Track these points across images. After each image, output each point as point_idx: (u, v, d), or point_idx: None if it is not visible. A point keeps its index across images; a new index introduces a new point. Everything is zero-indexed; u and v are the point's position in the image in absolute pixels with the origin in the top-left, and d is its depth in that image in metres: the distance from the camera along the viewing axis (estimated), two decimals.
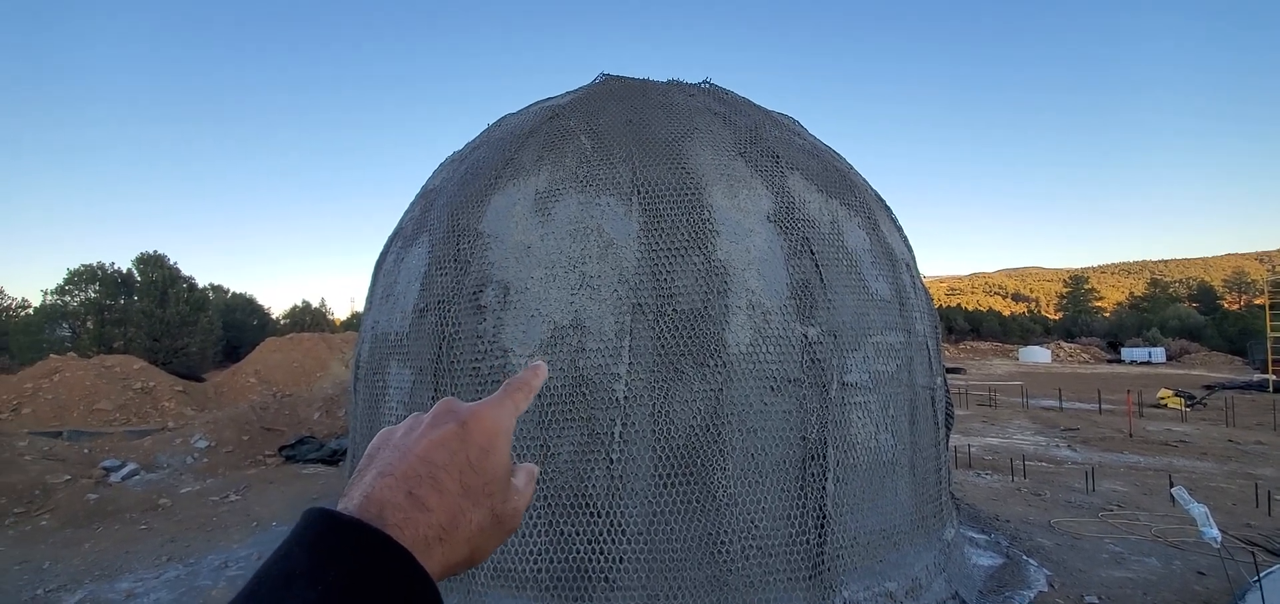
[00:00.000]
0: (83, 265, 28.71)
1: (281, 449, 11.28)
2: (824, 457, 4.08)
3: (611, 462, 3.89)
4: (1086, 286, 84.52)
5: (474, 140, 6.02)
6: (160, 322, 27.65)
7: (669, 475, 3.88)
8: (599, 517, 3.86)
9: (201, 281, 33.84)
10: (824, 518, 4.02)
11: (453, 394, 4.24)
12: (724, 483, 3.90)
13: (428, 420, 0.53)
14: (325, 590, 0.40)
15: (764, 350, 4.08)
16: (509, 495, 0.54)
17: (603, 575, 3.82)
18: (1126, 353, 52.98)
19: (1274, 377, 25.37)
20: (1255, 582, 4.17)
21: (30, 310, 31.93)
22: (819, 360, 4.18)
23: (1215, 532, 4.12)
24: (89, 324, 27.81)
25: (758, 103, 5.96)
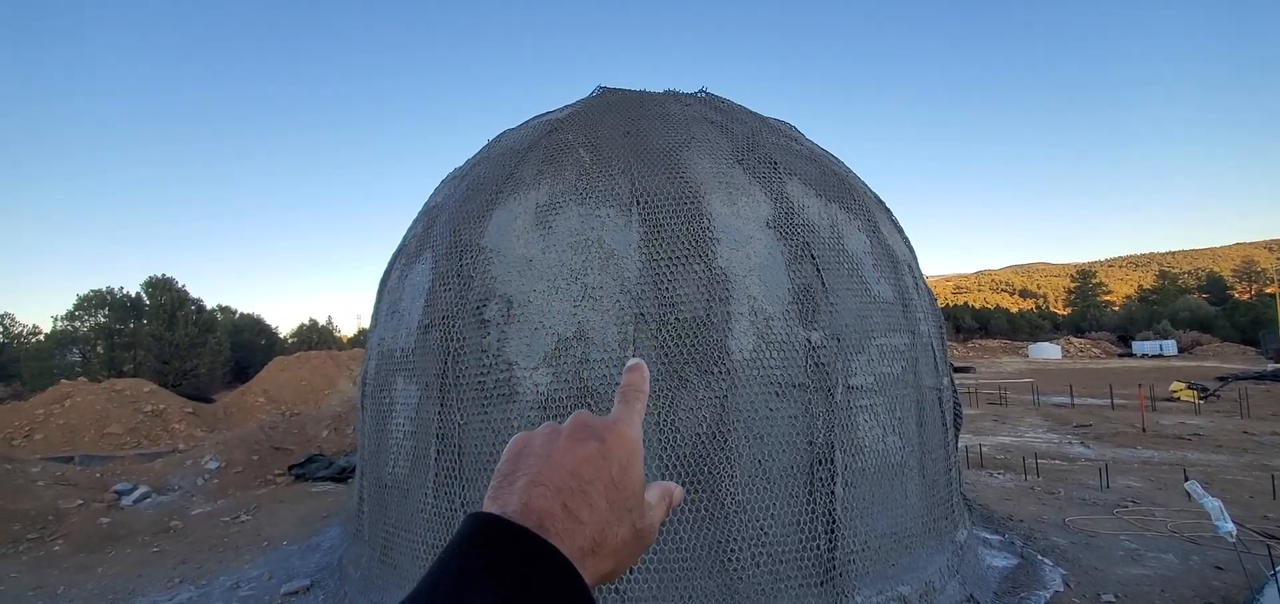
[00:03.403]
0: (92, 290, 29.01)
1: (291, 468, 11.31)
2: (832, 461, 4.06)
3: None
4: (1094, 281, 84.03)
5: (474, 156, 6.07)
6: (169, 344, 27.86)
7: (677, 484, 3.86)
8: None
9: (209, 303, 34.11)
10: (833, 523, 4.00)
11: (459, 410, 4.26)
12: (732, 490, 3.89)
13: (567, 433, 0.54)
14: (500, 592, 0.42)
15: (768, 356, 4.08)
16: (645, 510, 0.55)
17: (612, 587, 3.81)
18: (1137, 346, 52.60)
19: None
20: (1272, 575, 4.12)
21: (41, 337, 32.22)
22: (823, 364, 4.17)
23: (1230, 525, 4.07)
24: (99, 348, 28.05)
25: (754, 110, 5.98)
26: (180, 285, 30.53)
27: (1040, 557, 5.79)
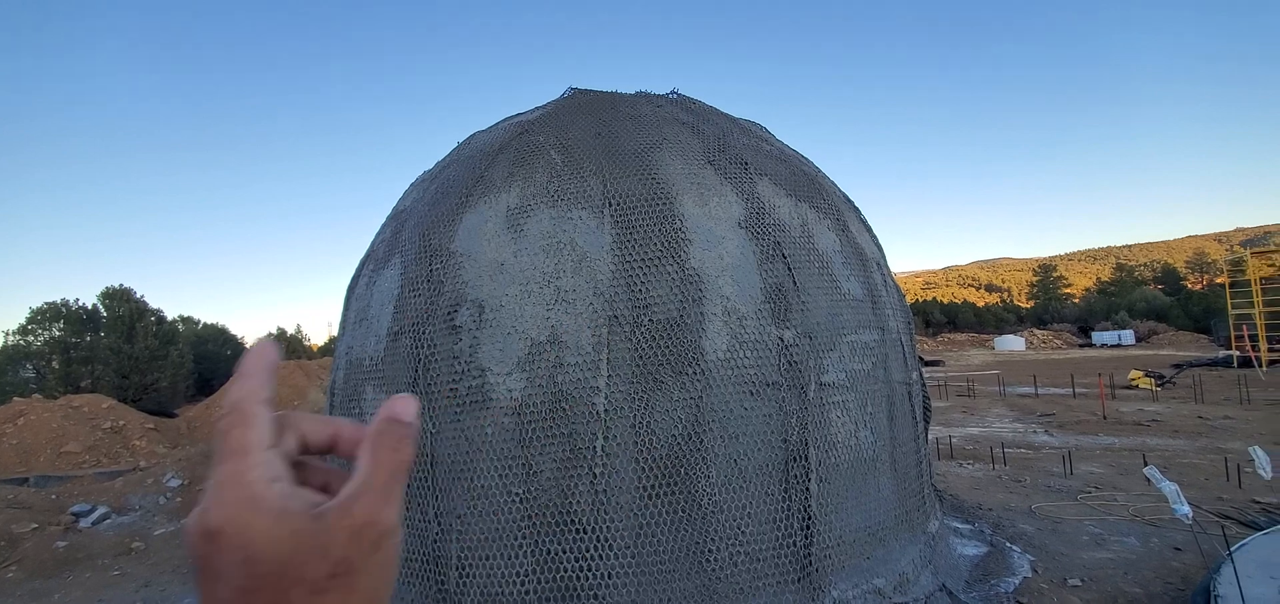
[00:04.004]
0: (46, 303, 27.85)
1: None
2: (806, 458, 4.10)
3: (595, 476, 3.86)
4: (1055, 274, 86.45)
5: (444, 159, 5.98)
6: (128, 358, 26.89)
7: (653, 487, 3.86)
8: (585, 533, 3.83)
9: (170, 314, 33.02)
10: (809, 519, 4.04)
11: (431, 418, 4.18)
12: (708, 491, 3.90)
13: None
14: None
15: (741, 356, 4.10)
16: (327, 537, 0.38)
17: (591, 593, 3.79)
18: (1097, 336, 54.32)
19: (1237, 352, 26.19)
20: (1227, 555, 4.28)
21: None
22: (796, 362, 4.21)
23: (1186, 508, 4.22)
24: (54, 363, 26.94)
25: (725, 111, 6.02)
26: (139, 296, 29.49)
27: (1009, 544, 5.93)
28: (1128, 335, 52.14)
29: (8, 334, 27.76)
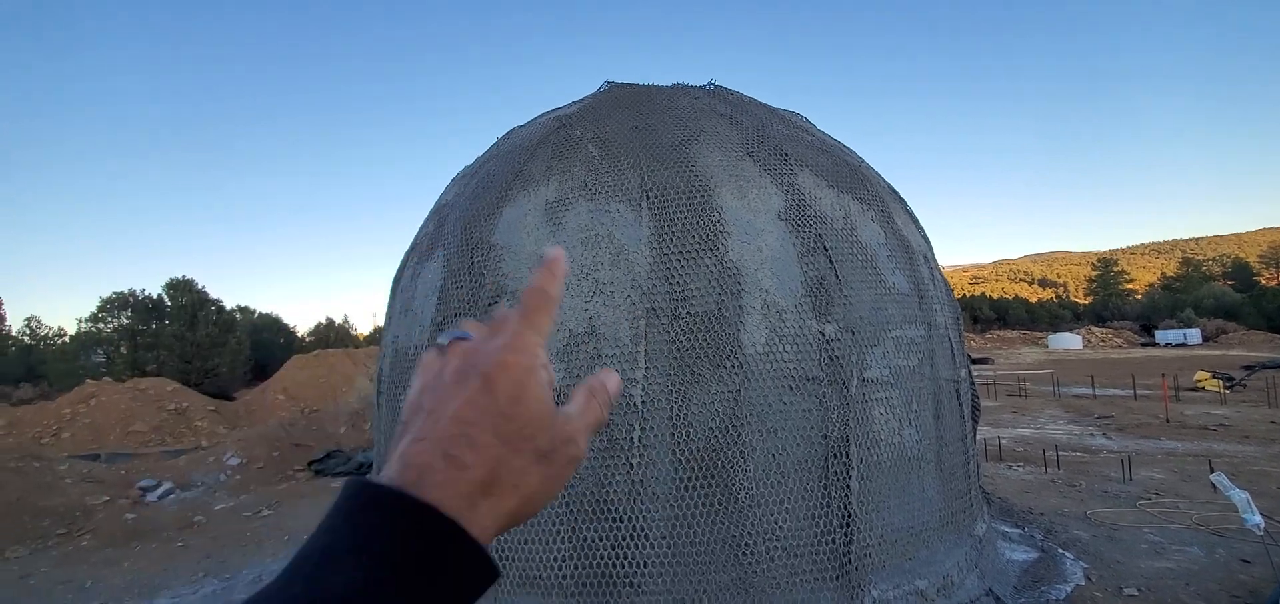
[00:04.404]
0: (115, 293, 29.60)
1: (311, 464, 11.48)
2: (847, 454, 4.03)
3: (631, 466, 3.88)
4: (1116, 269, 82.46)
5: (484, 154, 6.08)
6: (191, 344, 28.37)
7: (690, 478, 3.86)
8: (621, 522, 3.86)
9: (229, 303, 34.62)
10: (849, 516, 3.97)
11: None
12: (746, 484, 3.87)
13: (451, 379, 0.51)
14: (370, 562, 0.40)
15: (781, 350, 4.05)
16: (556, 428, 0.51)
17: (627, 580, 3.82)
18: (1160, 335, 51.64)
19: None
20: None
21: (66, 338, 32.98)
22: (837, 358, 4.13)
23: (1258, 518, 3.98)
24: (122, 349, 28.61)
25: (764, 102, 5.93)
26: (200, 286, 31.06)
27: (1061, 550, 5.71)
28: (1194, 334, 49.39)
29: (80, 322, 29.64)
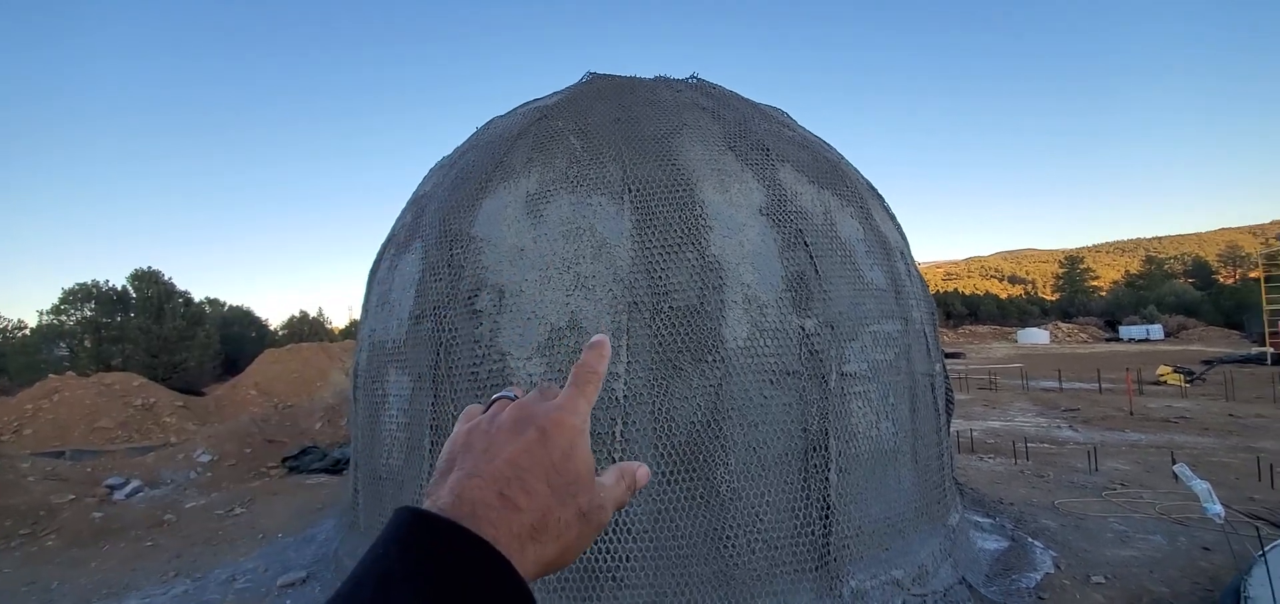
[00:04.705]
0: (78, 284, 28.61)
1: (285, 460, 11.26)
2: (826, 448, 4.08)
3: (613, 461, 3.88)
4: (1082, 267, 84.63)
5: (463, 144, 6.01)
6: (158, 337, 27.59)
7: (671, 472, 3.88)
8: None
9: (197, 295, 33.75)
10: (828, 508, 4.02)
11: (452, 401, 4.24)
12: (726, 477, 3.90)
13: (507, 424, 0.54)
14: (425, 590, 0.41)
15: (762, 344, 4.08)
16: (594, 491, 0.54)
17: (609, 574, 3.82)
18: (1124, 331, 53.14)
19: (1271, 349, 25.46)
20: (1260, 556, 4.18)
21: (27, 331, 31.84)
22: (817, 352, 4.18)
23: (1218, 507, 4.12)
24: (86, 342, 27.72)
25: (746, 96, 5.95)
26: (167, 278, 30.19)
27: (1031, 539, 5.86)
28: (1156, 330, 50.92)
29: (41, 314, 28.63)
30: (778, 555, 3.92)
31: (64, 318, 28.19)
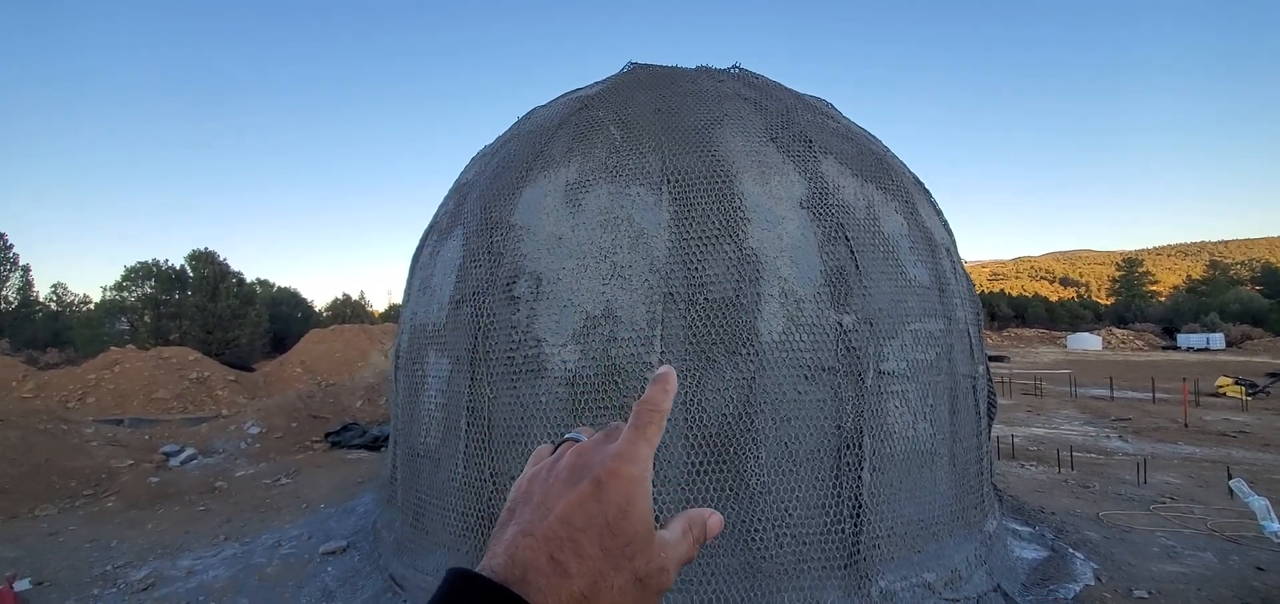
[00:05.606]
0: (139, 262, 30.11)
1: (327, 435, 11.68)
2: (860, 446, 4.03)
3: None
4: (1141, 270, 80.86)
5: (504, 134, 6.10)
6: (212, 315, 28.86)
7: (701, 464, 3.89)
8: None
9: (249, 276, 35.11)
10: (860, 507, 3.98)
11: (488, 384, 4.34)
12: (757, 471, 3.89)
13: (563, 476, 0.52)
14: None
15: (797, 338, 4.05)
16: (653, 553, 0.50)
17: None
18: (1183, 339, 50.69)
19: None
20: None
21: (92, 306, 33.69)
22: (854, 348, 4.12)
23: (1277, 525, 3.93)
24: (146, 318, 29.17)
25: (790, 87, 5.87)
26: (222, 259, 31.52)
27: (1071, 550, 5.68)
28: (1217, 339, 48.43)
29: (105, 290, 30.22)
30: (806, 551, 3.90)
31: (126, 294, 29.71)
